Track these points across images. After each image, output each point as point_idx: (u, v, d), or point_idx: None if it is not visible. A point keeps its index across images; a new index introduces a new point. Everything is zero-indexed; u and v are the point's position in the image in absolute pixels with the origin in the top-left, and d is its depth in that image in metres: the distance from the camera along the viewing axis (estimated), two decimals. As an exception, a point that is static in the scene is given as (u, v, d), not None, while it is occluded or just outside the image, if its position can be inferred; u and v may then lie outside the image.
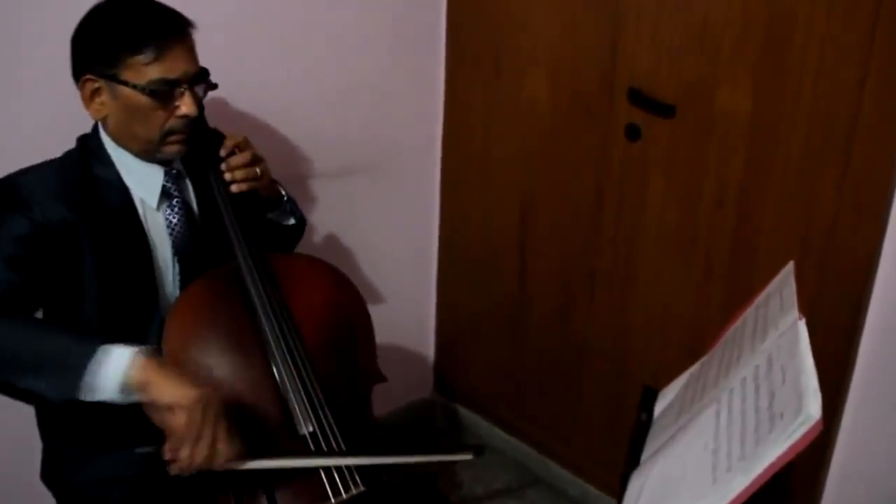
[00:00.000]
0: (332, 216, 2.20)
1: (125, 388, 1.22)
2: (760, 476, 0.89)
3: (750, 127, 1.70)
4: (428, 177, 2.40)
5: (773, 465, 0.88)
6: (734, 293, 1.80)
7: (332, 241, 2.23)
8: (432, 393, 2.63)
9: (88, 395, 1.22)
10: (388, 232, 2.36)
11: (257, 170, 1.52)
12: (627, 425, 2.05)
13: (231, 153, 1.50)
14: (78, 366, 1.20)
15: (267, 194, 1.59)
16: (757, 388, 1.02)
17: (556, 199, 2.11)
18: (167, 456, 1.23)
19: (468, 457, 1.46)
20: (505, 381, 2.41)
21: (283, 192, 1.66)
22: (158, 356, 1.28)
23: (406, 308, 2.46)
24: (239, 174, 1.50)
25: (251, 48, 1.91)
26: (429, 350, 2.59)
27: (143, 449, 1.26)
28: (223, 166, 1.50)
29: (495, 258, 2.32)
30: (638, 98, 1.85)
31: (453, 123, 2.34)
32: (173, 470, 1.24)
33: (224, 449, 1.25)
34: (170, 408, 1.21)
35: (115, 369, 1.21)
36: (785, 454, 0.88)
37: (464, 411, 2.55)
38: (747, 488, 0.90)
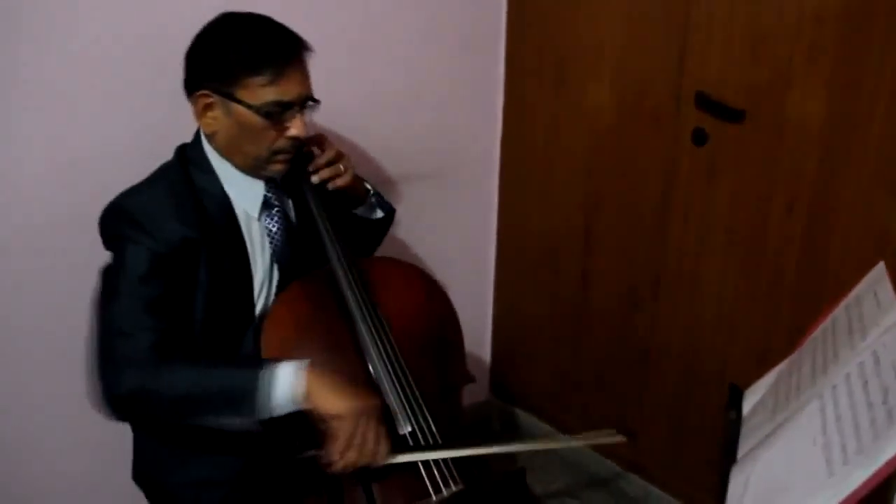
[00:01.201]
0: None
1: (296, 400, 1.29)
2: (882, 469, 0.91)
3: (822, 132, 1.69)
4: (487, 181, 2.44)
5: (894, 458, 0.91)
6: (804, 298, 1.79)
7: (390, 243, 2.25)
8: (488, 395, 2.65)
9: (272, 413, 1.30)
10: (446, 235, 2.39)
11: (341, 166, 1.55)
12: (692, 427, 2.08)
13: (313, 153, 1.53)
14: (256, 391, 1.27)
15: (352, 191, 1.61)
16: (865, 384, 1.04)
17: (621, 202, 2.13)
18: (331, 458, 1.31)
19: (622, 439, 1.53)
20: (563, 384, 2.42)
21: (368, 186, 1.68)
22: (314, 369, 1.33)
23: (463, 310, 2.47)
24: (325, 173, 1.52)
25: (315, 58, 1.94)
26: (485, 353, 2.62)
27: (308, 453, 1.35)
28: (310, 167, 1.52)
29: (556, 261, 2.34)
30: (705, 102, 1.86)
31: (513, 129, 2.36)
32: (335, 469, 1.32)
33: (383, 450, 1.33)
34: (335, 417, 1.29)
35: (285, 385, 1.28)
36: (907, 448, 0.90)
37: (521, 413, 2.57)
38: (868, 481, 0.91)
